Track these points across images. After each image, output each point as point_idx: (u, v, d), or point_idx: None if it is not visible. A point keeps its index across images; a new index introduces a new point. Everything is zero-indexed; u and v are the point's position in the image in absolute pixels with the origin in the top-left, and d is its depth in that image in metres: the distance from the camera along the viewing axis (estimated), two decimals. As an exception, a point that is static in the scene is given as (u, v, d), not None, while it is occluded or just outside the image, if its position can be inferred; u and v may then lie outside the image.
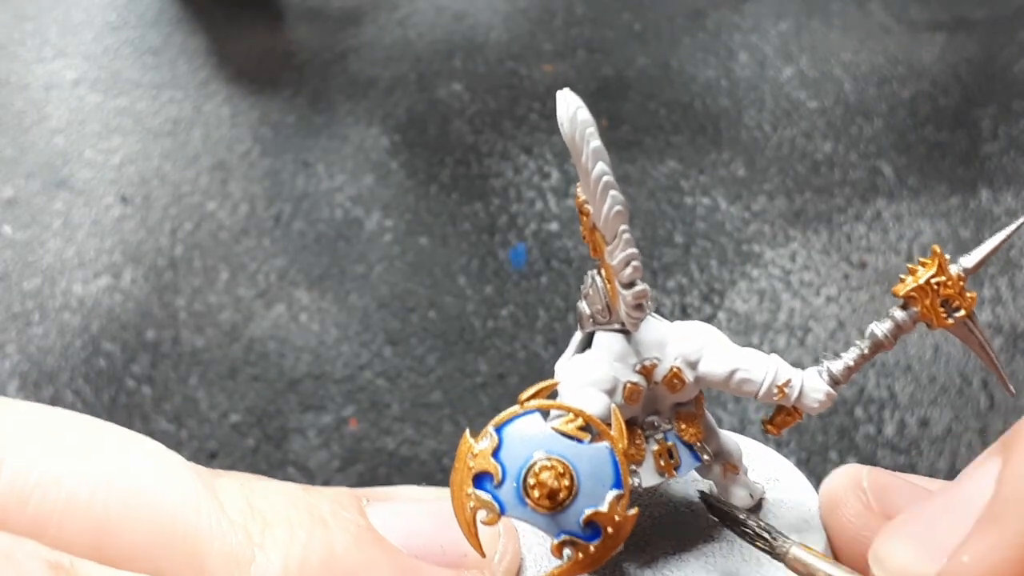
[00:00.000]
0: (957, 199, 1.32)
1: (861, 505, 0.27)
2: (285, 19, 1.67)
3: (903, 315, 0.29)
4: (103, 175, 1.42)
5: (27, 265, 1.31)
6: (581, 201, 0.26)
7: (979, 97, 1.46)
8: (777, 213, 1.31)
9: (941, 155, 1.38)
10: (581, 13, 1.65)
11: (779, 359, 0.29)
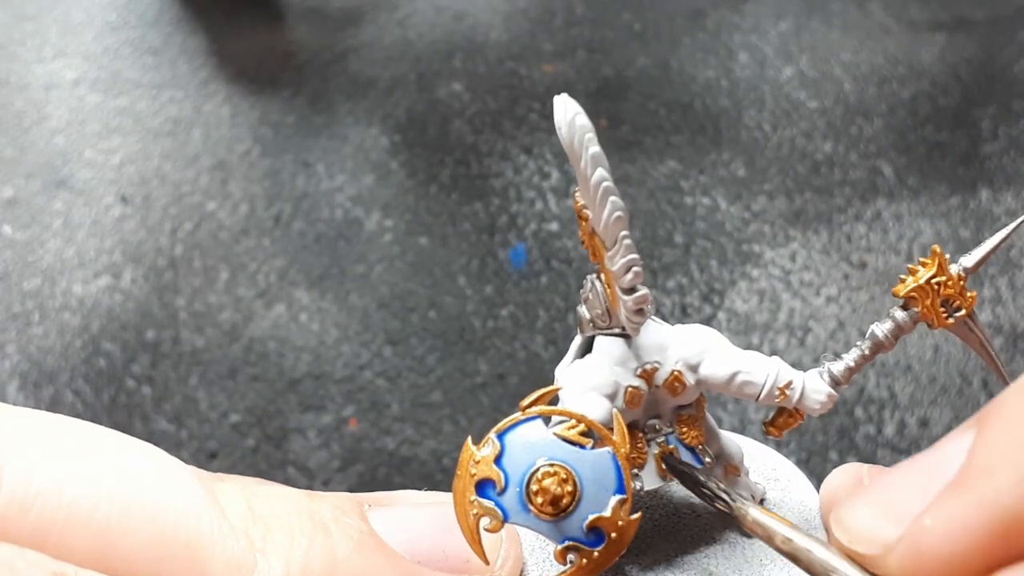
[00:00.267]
0: (957, 199, 1.32)
1: None
2: (285, 19, 1.67)
3: (904, 315, 0.29)
4: (103, 175, 1.42)
5: (27, 265, 1.31)
6: (580, 206, 0.25)
7: (979, 97, 1.46)
8: (777, 213, 1.31)
9: (941, 155, 1.38)
10: (581, 13, 1.65)
11: (780, 361, 0.29)
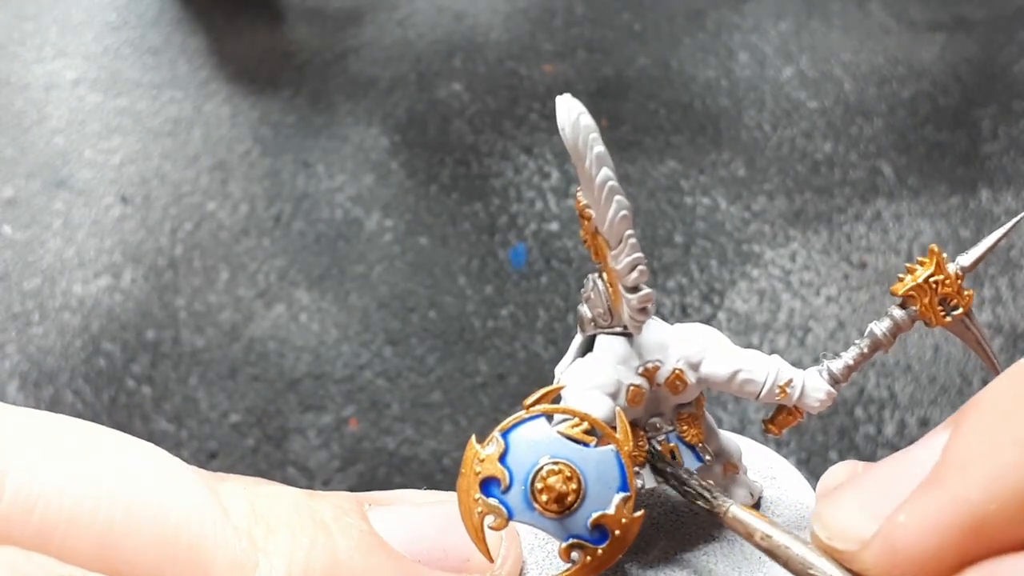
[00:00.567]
0: (957, 199, 1.32)
1: None
2: (285, 19, 1.67)
3: (902, 314, 0.29)
4: (103, 175, 1.42)
5: (27, 265, 1.31)
6: (582, 205, 0.26)
7: (979, 97, 1.46)
8: (777, 213, 1.31)
9: (941, 155, 1.38)
10: (581, 13, 1.65)
11: (780, 359, 0.29)
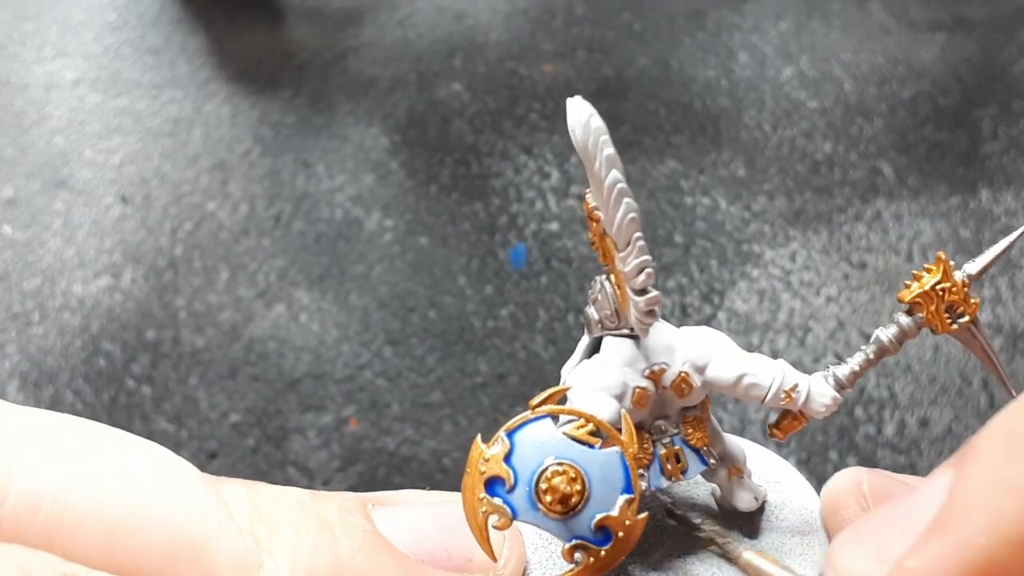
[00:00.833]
0: (957, 199, 1.32)
1: (861, 509, 0.27)
2: (285, 19, 1.67)
3: (908, 320, 0.29)
4: (103, 175, 1.42)
5: (27, 265, 1.30)
6: (591, 207, 0.26)
7: (979, 97, 1.46)
8: (777, 213, 1.31)
9: (941, 155, 1.38)
10: (581, 13, 1.65)
11: (786, 364, 0.29)
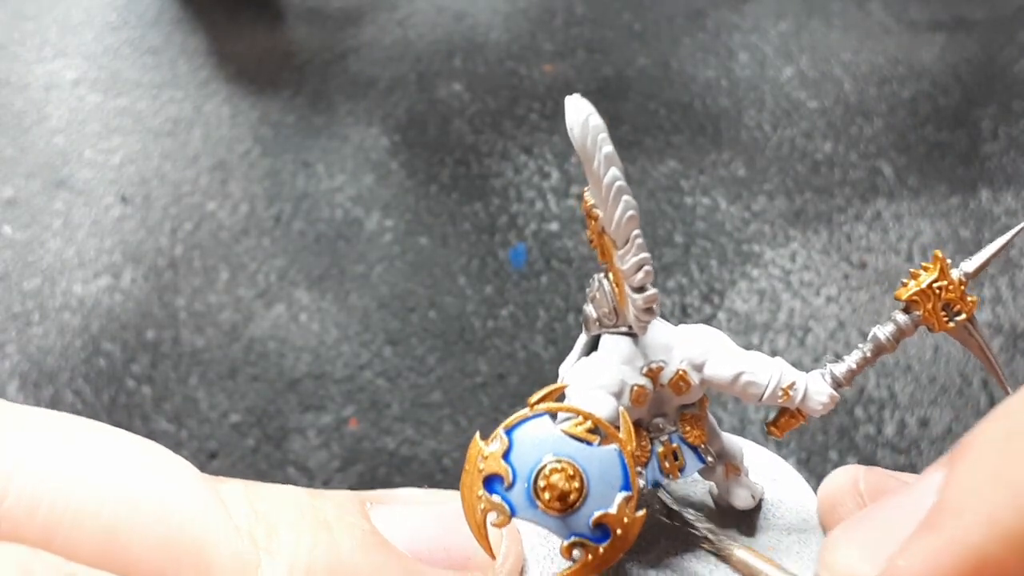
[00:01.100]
0: (957, 199, 1.32)
1: (857, 507, 0.27)
2: (285, 19, 1.67)
3: (905, 319, 0.29)
4: (103, 175, 1.42)
5: (27, 265, 1.31)
6: (589, 205, 0.26)
7: (979, 97, 1.46)
8: (777, 213, 1.31)
9: (941, 155, 1.38)
10: (581, 13, 1.65)
11: (783, 362, 0.29)
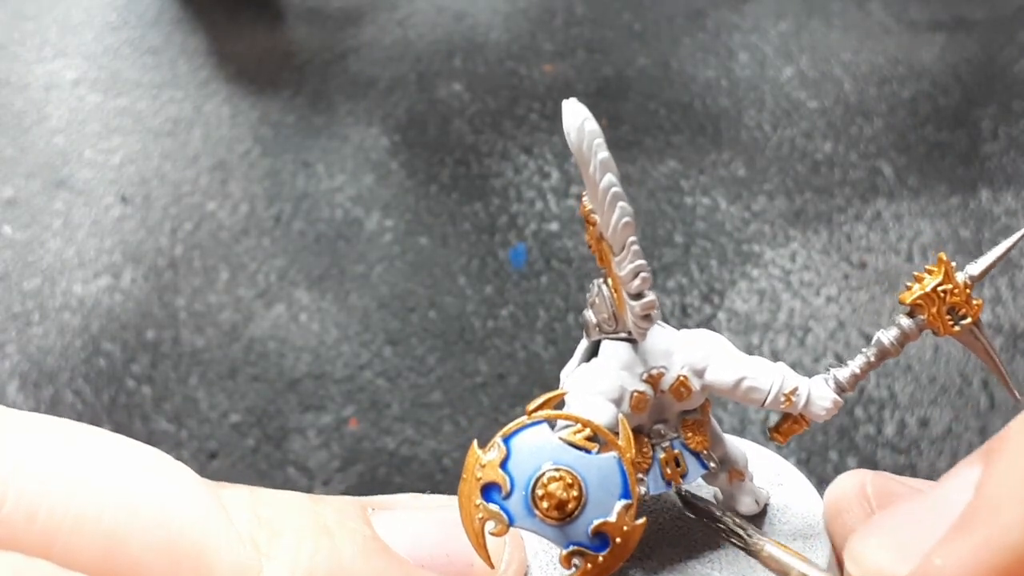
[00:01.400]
0: (957, 199, 1.32)
1: (864, 512, 0.27)
2: (285, 19, 1.67)
3: (909, 323, 0.29)
4: (103, 175, 1.42)
5: (27, 265, 1.30)
6: (587, 210, 0.25)
7: (979, 97, 1.46)
8: (777, 213, 1.31)
9: (941, 155, 1.38)
10: (581, 13, 1.65)
11: (785, 367, 0.29)
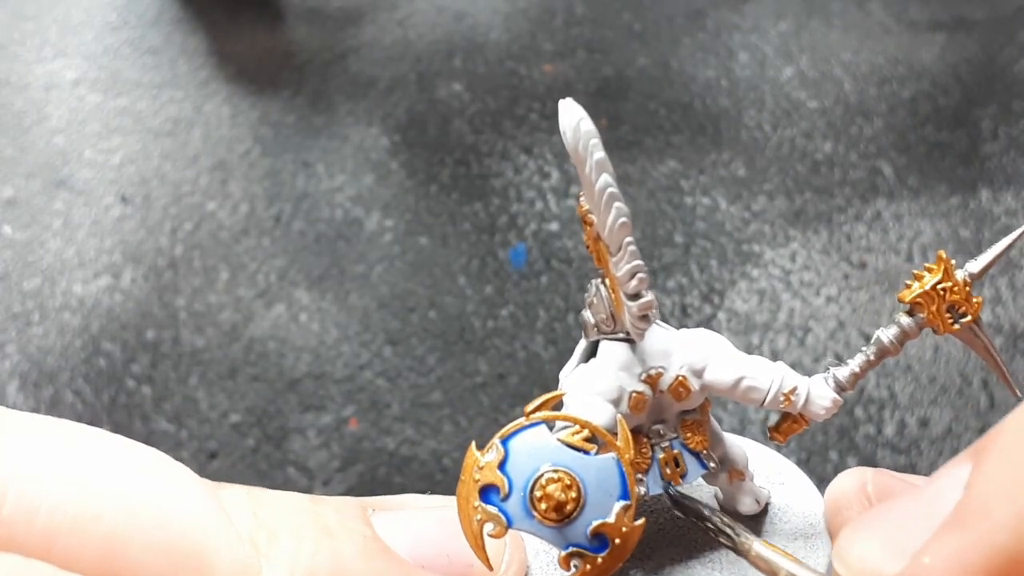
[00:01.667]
0: (957, 199, 1.32)
1: (864, 510, 0.27)
2: (285, 19, 1.67)
3: (909, 321, 0.29)
4: (103, 175, 1.42)
5: (27, 265, 1.30)
6: (584, 211, 0.25)
7: (979, 97, 1.46)
8: (777, 213, 1.31)
9: (941, 155, 1.38)
10: (581, 13, 1.65)
11: (785, 366, 0.29)
